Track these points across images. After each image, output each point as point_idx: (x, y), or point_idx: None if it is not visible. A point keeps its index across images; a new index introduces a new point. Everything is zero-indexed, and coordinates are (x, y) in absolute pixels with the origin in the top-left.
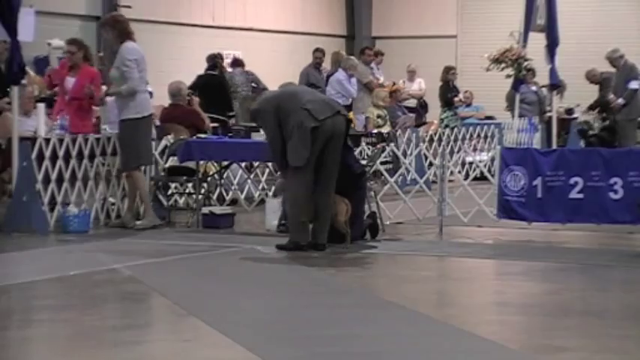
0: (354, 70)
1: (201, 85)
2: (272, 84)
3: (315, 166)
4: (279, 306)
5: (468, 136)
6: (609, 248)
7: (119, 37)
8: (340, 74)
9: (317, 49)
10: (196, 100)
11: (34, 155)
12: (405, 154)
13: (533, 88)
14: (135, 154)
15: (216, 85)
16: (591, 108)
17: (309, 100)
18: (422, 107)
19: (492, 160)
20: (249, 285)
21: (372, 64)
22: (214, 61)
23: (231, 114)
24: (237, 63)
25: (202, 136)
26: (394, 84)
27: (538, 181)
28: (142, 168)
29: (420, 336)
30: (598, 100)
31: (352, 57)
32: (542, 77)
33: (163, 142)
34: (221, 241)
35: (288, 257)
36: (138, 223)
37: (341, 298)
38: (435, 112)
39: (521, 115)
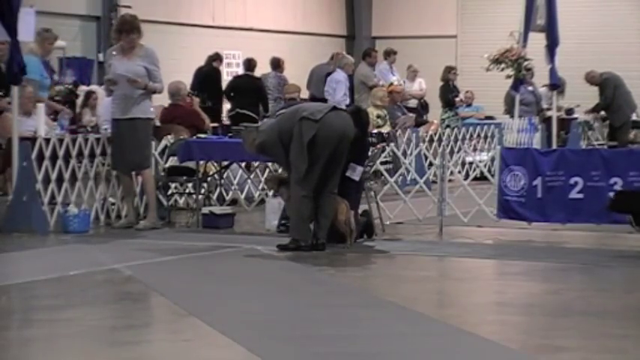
0: (349, 68)
1: (240, 85)
2: None
3: (324, 164)
4: (279, 306)
5: (468, 136)
6: (609, 248)
7: (139, 38)
8: (340, 75)
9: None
10: (196, 100)
11: (34, 155)
12: (405, 154)
13: (530, 88)
14: (148, 152)
15: (254, 87)
16: (595, 111)
17: (304, 109)
18: (422, 107)
19: (492, 160)
20: (249, 285)
21: (385, 64)
22: (250, 63)
23: (267, 115)
24: (276, 65)
25: (202, 136)
26: (391, 84)
27: (538, 181)
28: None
29: (420, 336)
30: (601, 102)
31: (348, 55)
32: (543, 77)
33: (163, 142)
34: (221, 241)
35: (288, 257)
36: (140, 223)
37: (341, 298)
38: (435, 112)
39: (519, 116)
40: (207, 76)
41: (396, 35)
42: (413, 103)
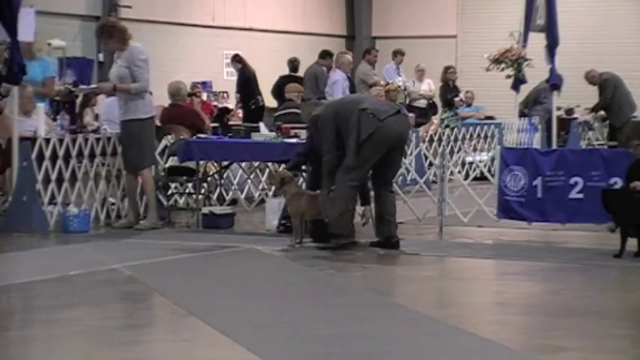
0: (346, 67)
1: (284, 86)
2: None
3: (377, 164)
4: (279, 306)
5: (468, 136)
6: (609, 248)
7: (120, 41)
8: (338, 75)
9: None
10: (197, 100)
11: (34, 155)
12: (405, 154)
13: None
14: (145, 153)
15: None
16: (594, 111)
17: (368, 102)
18: (431, 108)
19: (492, 160)
20: (249, 285)
21: (392, 64)
22: (293, 64)
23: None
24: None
25: (202, 136)
26: (388, 83)
27: (538, 181)
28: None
29: (420, 336)
30: (600, 102)
31: (346, 55)
32: (543, 77)
33: (163, 142)
34: (221, 241)
35: (288, 257)
36: (140, 223)
37: (341, 298)
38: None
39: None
40: (251, 79)
41: (396, 35)
42: (422, 103)
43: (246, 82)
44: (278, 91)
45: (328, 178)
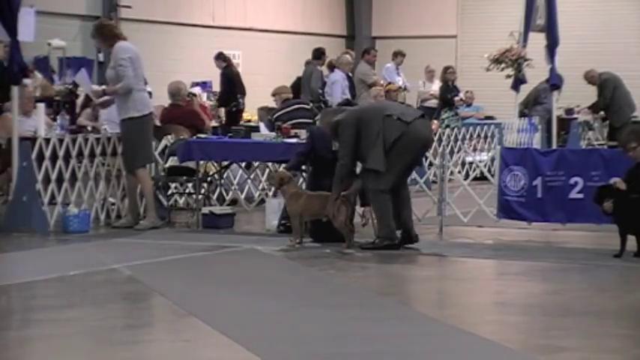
0: (345, 67)
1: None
2: (272, 84)
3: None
4: (279, 306)
5: (468, 136)
6: (609, 248)
7: (108, 41)
8: (337, 75)
9: (322, 53)
10: (196, 100)
11: (34, 155)
12: None
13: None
14: (139, 152)
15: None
16: (593, 111)
17: (393, 108)
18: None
19: (492, 160)
20: (249, 285)
21: (392, 64)
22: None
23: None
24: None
25: (202, 136)
26: (389, 83)
27: (538, 181)
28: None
29: (420, 336)
30: (599, 102)
31: (345, 55)
32: (543, 77)
33: (163, 142)
34: (221, 241)
35: (288, 257)
36: (140, 223)
37: (341, 298)
38: None
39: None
40: (234, 79)
41: (396, 35)
42: (433, 103)
43: (229, 81)
44: (297, 90)
45: (340, 182)
